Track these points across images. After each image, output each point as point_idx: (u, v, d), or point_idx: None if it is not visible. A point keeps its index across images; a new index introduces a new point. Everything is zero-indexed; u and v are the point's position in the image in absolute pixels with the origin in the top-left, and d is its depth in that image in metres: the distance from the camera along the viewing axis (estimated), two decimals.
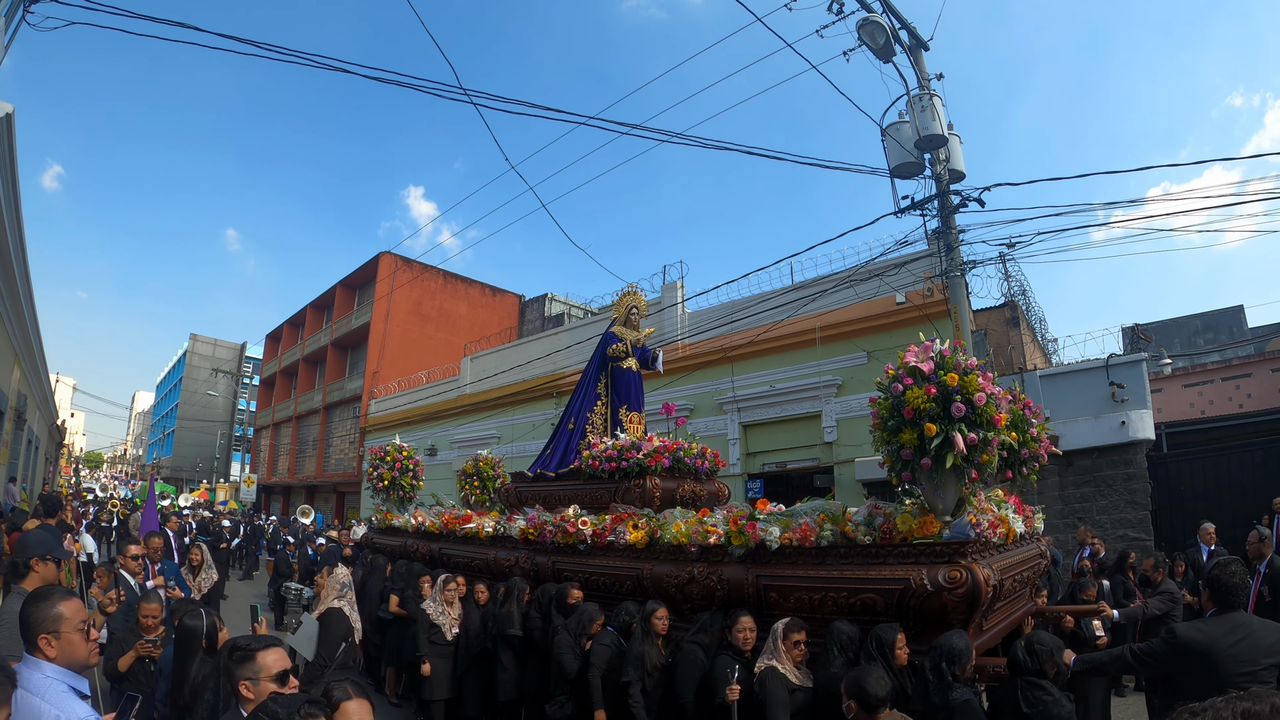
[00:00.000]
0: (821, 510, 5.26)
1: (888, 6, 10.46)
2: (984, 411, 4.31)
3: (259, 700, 2.62)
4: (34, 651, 2.71)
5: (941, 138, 10.04)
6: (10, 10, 7.19)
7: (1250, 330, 22.16)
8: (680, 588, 5.79)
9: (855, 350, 14.09)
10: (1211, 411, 16.07)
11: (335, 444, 34.15)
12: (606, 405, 9.00)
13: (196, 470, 56.59)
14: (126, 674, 5.04)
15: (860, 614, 4.67)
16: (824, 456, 14.53)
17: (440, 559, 8.66)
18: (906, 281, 13.30)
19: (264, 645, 2.85)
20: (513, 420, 22.36)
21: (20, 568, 4.64)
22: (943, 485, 4.54)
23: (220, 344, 66.04)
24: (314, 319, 38.69)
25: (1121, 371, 11.46)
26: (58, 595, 2.87)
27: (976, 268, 10.53)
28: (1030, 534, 5.92)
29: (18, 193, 8.92)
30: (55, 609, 2.77)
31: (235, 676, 2.77)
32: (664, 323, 17.65)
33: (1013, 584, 5.13)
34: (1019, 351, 13.84)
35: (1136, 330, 19.38)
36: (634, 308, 9.39)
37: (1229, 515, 10.43)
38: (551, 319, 30.50)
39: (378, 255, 32.47)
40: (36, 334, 15.44)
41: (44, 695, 2.53)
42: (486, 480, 10.62)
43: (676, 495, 7.47)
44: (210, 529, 19.40)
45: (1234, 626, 3.86)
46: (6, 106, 7.18)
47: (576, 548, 6.87)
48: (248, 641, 2.89)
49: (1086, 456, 11.39)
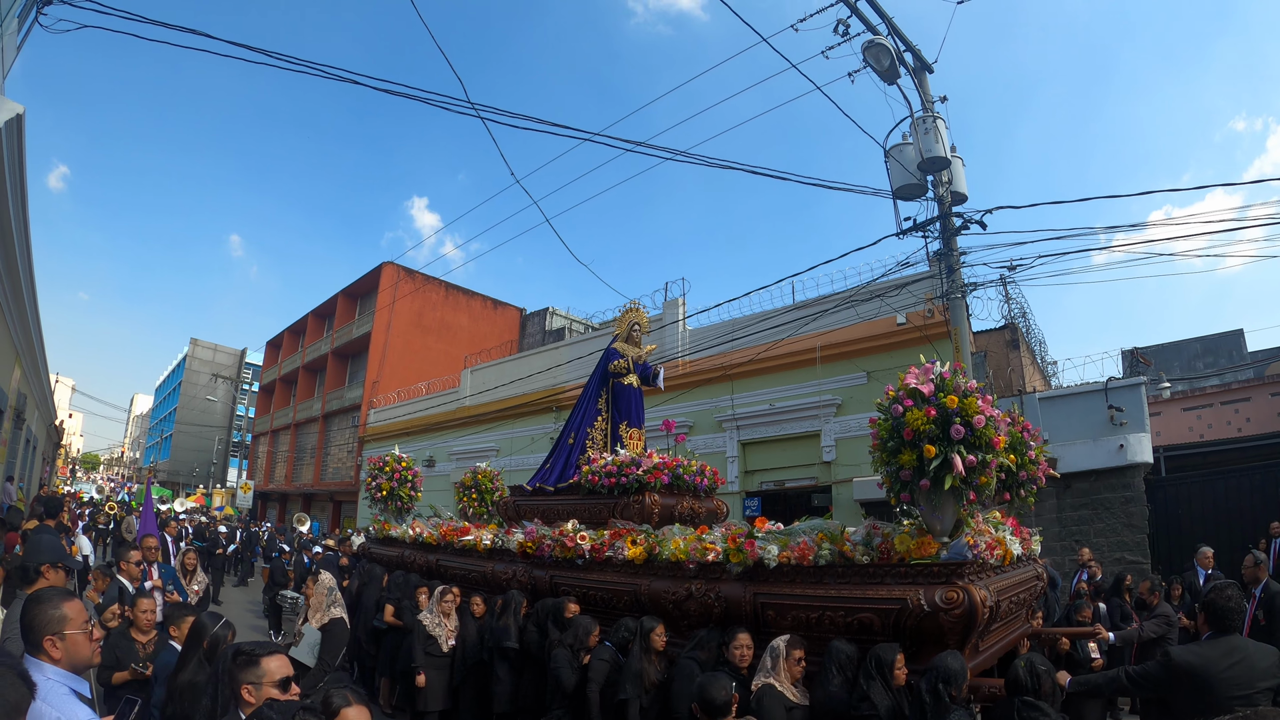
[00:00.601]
0: (820, 529, 5.29)
1: (893, 29, 10.55)
2: (983, 434, 4.34)
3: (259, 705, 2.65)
4: (37, 653, 2.73)
5: (944, 160, 10.11)
6: (24, 11, 7.27)
7: (1250, 354, 22.20)
8: (678, 604, 5.81)
9: (855, 370, 14.12)
10: (1210, 435, 16.10)
11: (333, 453, 34.12)
12: (607, 421, 9.02)
13: (193, 475, 56.52)
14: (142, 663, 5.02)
15: (857, 633, 4.69)
16: (822, 476, 14.53)
17: (438, 570, 8.66)
18: (907, 302, 13.35)
19: (268, 651, 2.87)
20: (511, 434, 22.37)
21: (30, 573, 4.65)
22: (941, 506, 4.56)
23: (220, 349, 66.11)
24: (315, 327, 38.72)
25: (1120, 395, 11.48)
26: (59, 596, 2.90)
27: (977, 290, 10.60)
28: (1027, 556, 5.94)
29: (25, 193, 8.96)
30: (59, 610, 2.80)
31: (237, 680, 2.78)
32: (665, 339, 17.70)
33: (1009, 605, 5.14)
34: (1018, 374, 13.87)
35: (1136, 354, 19.42)
36: (636, 324, 9.43)
37: (1226, 539, 10.43)
38: (552, 333, 30.55)
39: (380, 265, 32.54)
40: (38, 334, 15.47)
41: (45, 698, 2.53)
42: (485, 493, 10.61)
43: (675, 512, 7.48)
44: (206, 535, 19.39)
45: (1229, 650, 3.87)
46: (16, 107, 7.22)
47: (574, 562, 6.87)
48: (252, 646, 2.91)
49: (1084, 479, 11.40)
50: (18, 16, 7.18)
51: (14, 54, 7.50)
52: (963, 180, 10.53)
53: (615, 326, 9.85)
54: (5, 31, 6.92)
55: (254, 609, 15.25)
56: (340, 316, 35.37)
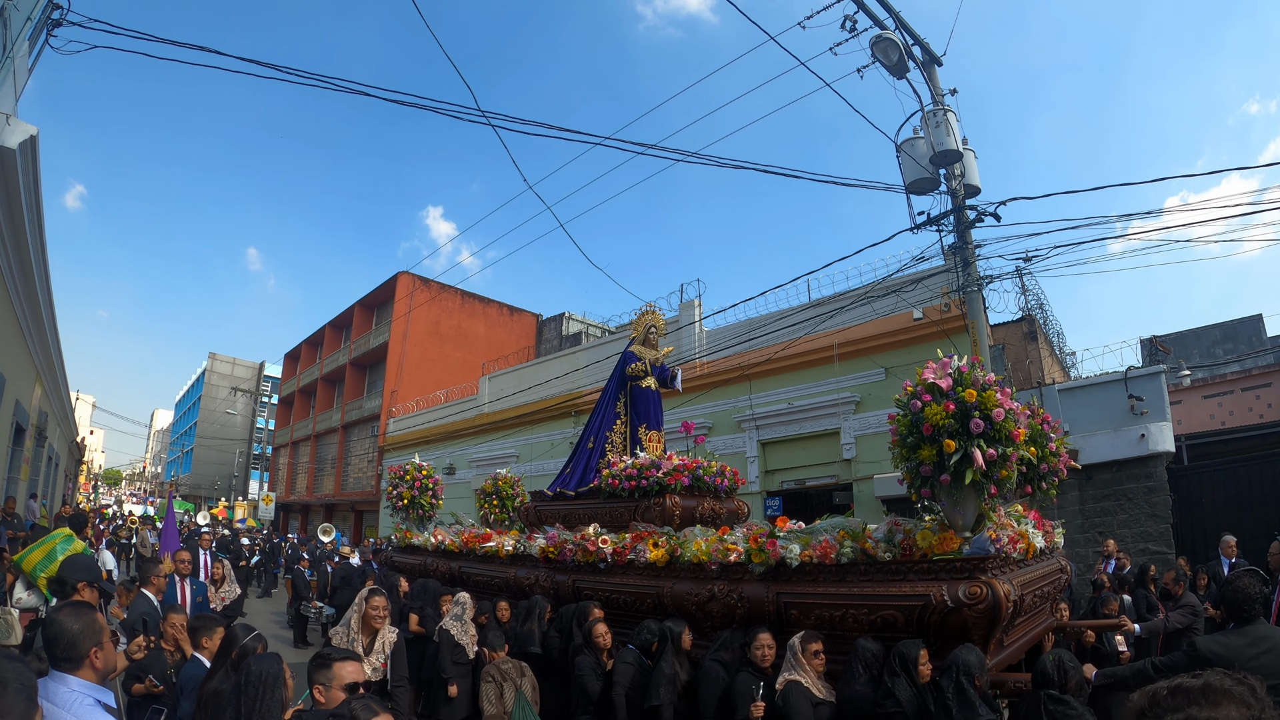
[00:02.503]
0: (841, 527, 5.29)
1: (900, 23, 10.52)
2: (1003, 427, 4.33)
3: (329, 705, 2.80)
4: (79, 666, 2.73)
5: (956, 153, 10.07)
6: (34, 34, 7.36)
7: (1270, 339, 21.94)
8: (701, 606, 5.81)
9: (873, 367, 14.09)
10: (1232, 422, 15.99)
11: (353, 463, 34.30)
12: (626, 424, 9.03)
13: (215, 488, 56.96)
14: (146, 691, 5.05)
15: (881, 630, 4.69)
16: (843, 473, 14.51)
17: (460, 577, 8.70)
18: (924, 297, 13.31)
19: (343, 657, 3.07)
20: (531, 439, 22.43)
21: (68, 587, 4.71)
22: (962, 501, 4.55)
23: (239, 363, 66.58)
24: (332, 338, 38.94)
25: (1140, 384, 11.41)
26: (88, 606, 2.95)
27: (993, 282, 10.54)
28: (1050, 549, 5.91)
29: (41, 213, 9.07)
30: (98, 621, 2.84)
31: (311, 680, 3.01)
32: (681, 341, 17.71)
33: (1033, 599, 5.12)
34: (1037, 366, 13.81)
35: (1155, 342, 19.27)
36: (653, 327, 9.44)
37: (1251, 526, 10.35)
38: (569, 338, 30.59)
39: (395, 275, 32.68)
40: (58, 352, 15.65)
41: (71, 709, 2.54)
42: (505, 499, 10.64)
43: (696, 513, 7.49)
44: (230, 547, 19.52)
45: (1256, 639, 3.84)
46: (30, 129, 7.30)
47: (596, 566, 6.89)
48: (329, 651, 3.13)
49: (1106, 470, 11.34)
50: (29, 39, 7.27)
51: (26, 76, 7.59)
52: (975, 173, 10.48)
53: (632, 330, 9.86)
54: (17, 54, 7.01)
55: (279, 620, 15.34)
56: (357, 327, 35.55)
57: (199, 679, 4.17)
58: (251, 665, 3.06)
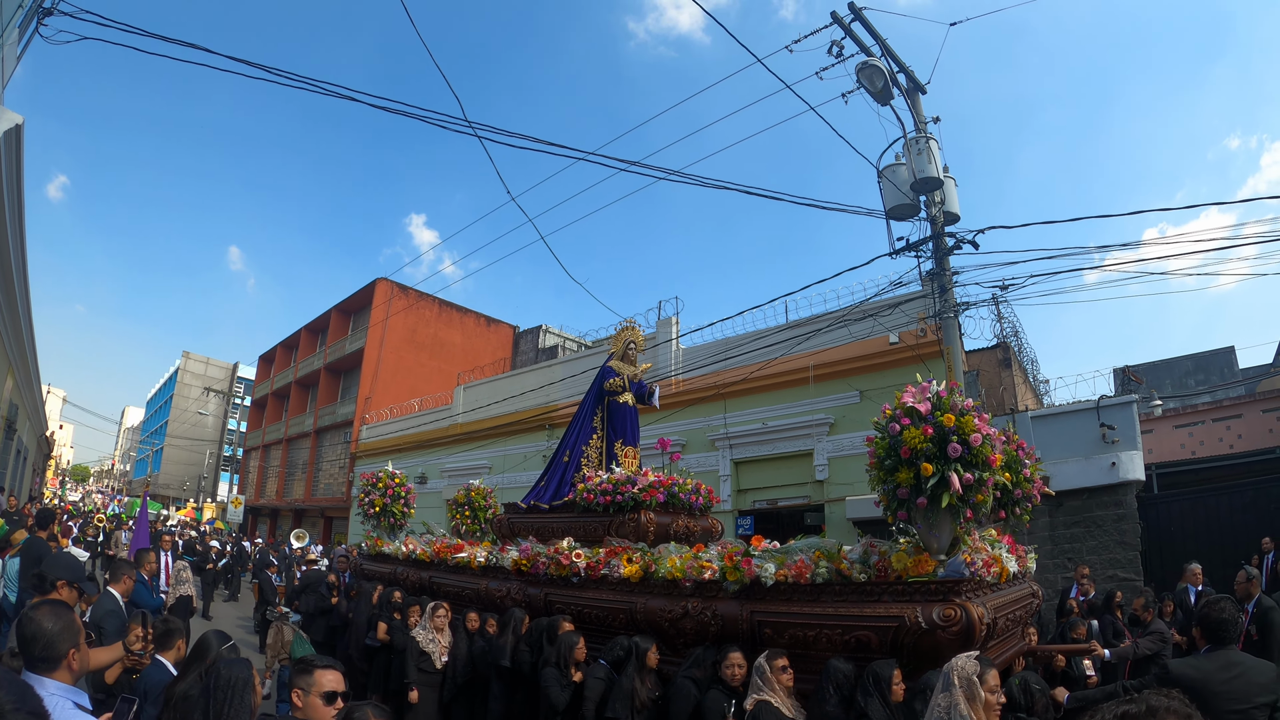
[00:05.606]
0: (817, 548, 5.30)
1: (886, 50, 10.65)
2: (980, 452, 4.37)
3: (305, 713, 2.88)
4: (55, 667, 2.70)
5: (937, 180, 10.19)
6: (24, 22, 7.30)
7: (1241, 371, 22.32)
8: (674, 622, 5.80)
9: (848, 389, 14.17)
10: (1202, 452, 16.17)
11: (325, 468, 34.01)
12: (602, 439, 9.01)
13: (184, 489, 56.25)
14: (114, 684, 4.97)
15: (855, 651, 4.69)
16: (815, 494, 14.55)
17: (431, 587, 8.63)
18: (900, 322, 13.41)
19: (326, 665, 3.06)
20: (504, 451, 22.36)
21: (47, 584, 4.63)
22: (938, 524, 4.58)
23: (213, 363, 65.89)
24: (308, 342, 38.66)
25: (1112, 413, 11.54)
26: (66, 606, 2.92)
27: (969, 309, 10.66)
28: (1023, 573, 5.96)
29: (22, 204, 8.98)
30: (76, 622, 2.82)
31: (291, 684, 3.02)
32: (658, 358, 17.75)
33: (1005, 623, 5.15)
34: (1010, 392, 13.92)
35: (1127, 372, 19.50)
36: (632, 343, 9.43)
37: (1219, 555, 10.48)
38: (545, 351, 30.58)
39: (374, 281, 32.57)
40: (32, 345, 15.45)
41: (53, 714, 2.50)
42: (478, 510, 10.58)
43: (671, 530, 7.47)
44: (197, 549, 19.27)
45: (1227, 664, 3.88)
46: (16, 118, 7.26)
47: (569, 580, 6.85)
48: (313, 658, 3.14)
49: (1077, 497, 11.43)
50: (18, 27, 7.22)
51: (14, 64, 7.53)
52: (955, 200, 10.61)
53: (610, 344, 9.86)
54: (6, 41, 6.96)
55: (245, 625, 15.14)
56: (333, 332, 35.33)
57: (163, 684, 4.12)
58: (221, 669, 3.03)
